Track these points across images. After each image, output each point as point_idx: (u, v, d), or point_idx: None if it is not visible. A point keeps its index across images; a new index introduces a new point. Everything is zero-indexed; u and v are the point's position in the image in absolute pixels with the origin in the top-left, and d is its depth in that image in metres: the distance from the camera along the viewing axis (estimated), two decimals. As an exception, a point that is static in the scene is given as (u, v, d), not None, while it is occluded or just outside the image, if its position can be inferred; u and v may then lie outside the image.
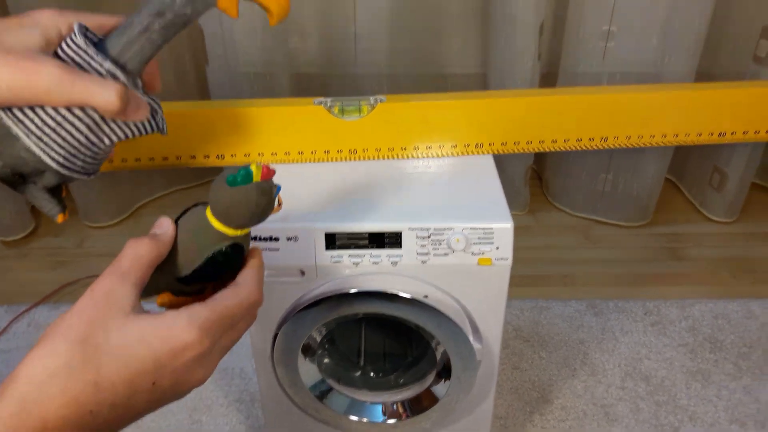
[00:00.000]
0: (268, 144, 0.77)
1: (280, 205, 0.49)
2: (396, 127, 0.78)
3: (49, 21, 0.46)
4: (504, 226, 0.67)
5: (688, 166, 1.50)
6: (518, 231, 0.66)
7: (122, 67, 0.46)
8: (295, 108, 0.76)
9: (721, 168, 1.38)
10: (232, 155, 0.78)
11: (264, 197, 0.46)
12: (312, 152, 0.78)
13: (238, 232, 0.47)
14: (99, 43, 0.47)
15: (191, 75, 1.39)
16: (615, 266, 1.31)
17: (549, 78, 1.40)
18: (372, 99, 0.77)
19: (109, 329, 0.39)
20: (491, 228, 0.67)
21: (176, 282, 0.47)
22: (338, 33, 1.33)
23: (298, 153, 0.78)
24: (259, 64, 1.27)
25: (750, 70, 1.29)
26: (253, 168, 0.45)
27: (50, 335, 0.38)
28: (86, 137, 0.46)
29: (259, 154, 0.78)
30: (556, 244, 1.35)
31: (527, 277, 1.26)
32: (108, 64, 0.45)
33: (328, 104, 0.76)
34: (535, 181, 1.56)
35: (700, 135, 0.84)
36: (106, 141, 0.48)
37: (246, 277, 0.47)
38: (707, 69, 1.32)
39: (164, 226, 0.47)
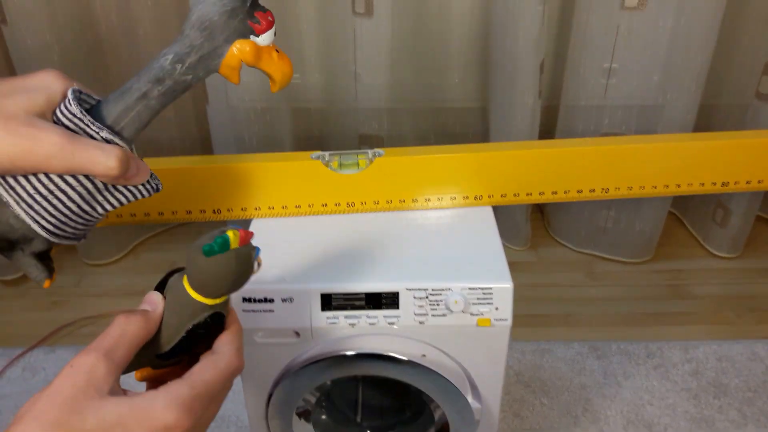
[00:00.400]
0: (265, 198, 0.76)
1: (259, 265, 0.47)
2: (395, 180, 0.77)
3: (54, 84, 0.45)
4: (503, 286, 0.66)
5: (691, 201, 1.49)
6: (520, 267, 0.66)
7: (118, 134, 0.45)
8: (292, 163, 0.75)
9: (724, 203, 1.37)
10: (228, 210, 0.77)
11: (243, 264, 0.44)
12: (309, 206, 0.77)
13: (218, 300, 0.45)
14: (95, 107, 0.46)
15: (191, 115, 1.39)
16: (617, 305, 1.29)
17: (550, 111, 1.39)
18: (370, 153, 0.76)
19: (85, 411, 0.37)
20: (490, 288, 0.66)
21: (155, 358, 0.46)
22: (339, 71, 1.33)
23: (296, 207, 0.77)
24: (260, 99, 1.27)
25: (752, 105, 1.29)
26: (230, 235, 0.43)
27: (25, 417, 0.37)
28: (78, 206, 0.45)
29: (255, 209, 0.77)
30: (557, 282, 1.34)
31: (529, 316, 1.24)
32: (105, 133, 0.44)
33: (326, 158, 0.75)
34: (536, 215, 1.55)
35: (703, 185, 0.83)
36: (99, 210, 0.47)
37: (224, 345, 0.45)
38: (711, 101, 1.32)
39: (154, 302, 0.45)
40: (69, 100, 0.44)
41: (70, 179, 0.44)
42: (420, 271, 0.68)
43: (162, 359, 0.46)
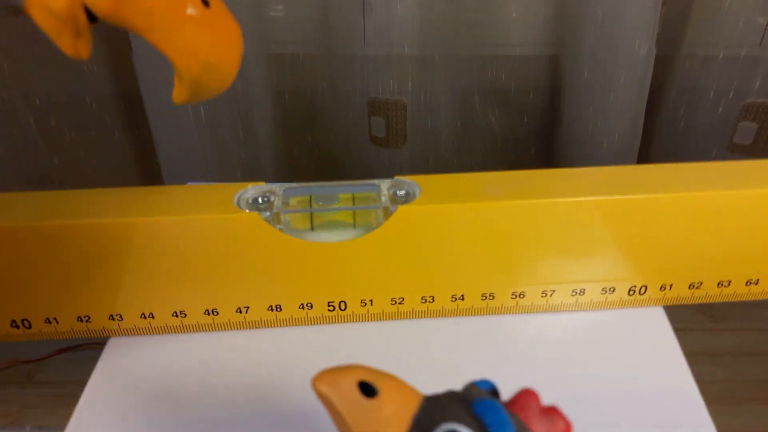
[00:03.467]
0: (141, 295, 0.32)
1: None
2: (431, 252, 0.32)
3: None
4: None
5: None
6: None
7: None
8: (205, 217, 0.30)
9: None
10: (50, 320, 0.33)
11: None
12: (239, 310, 0.33)
13: None
14: None
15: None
16: (755, 366, 0.86)
17: (658, 61, 0.90)
18: (384, 189, 0.31)
19: None
20: None
21: None
22: (339, 1, 0.86)
23: (207, 313, 0.33)
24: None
25: None
26: None
27: None
28: None
29: (112, 317, 0.33)
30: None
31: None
32: None
33: (277, 205, 0.31)
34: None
35: None
36: None
37: None
38: None
39: None
40: None
41: None
42: None
43: None
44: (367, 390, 0.17)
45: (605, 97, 0.83)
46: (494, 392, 0.19)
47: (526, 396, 0.19)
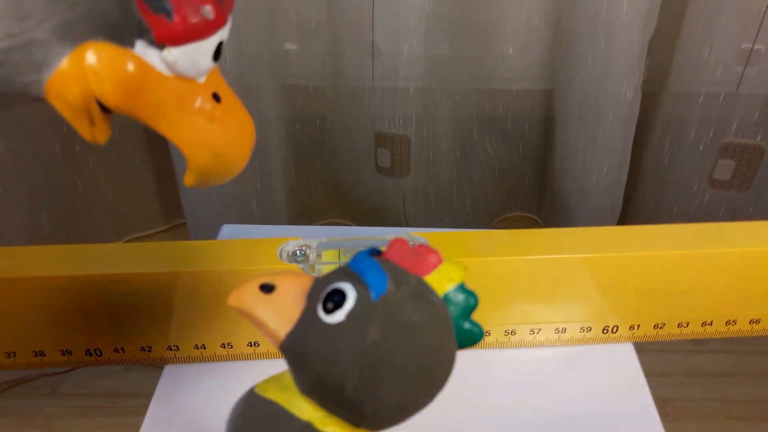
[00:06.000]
0: (204, 331, 0.39)
1: None
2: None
3: None
4: None
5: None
6: None
7: None
8: (254, 268, 0.37)
9: None
10: (117, 349, 0.39)
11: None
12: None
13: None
14: None
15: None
16: (733, 388, 0.92)
17: (646, 97, 0.97)
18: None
19: None
20: None
21: None
22: (350, 41, 0.93)
23: (250, 345, 0.39)
24: (233, 72, 0.88)
25: None
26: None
27: None
28: None
29: (170, 348, 0.39)
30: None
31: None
32: None
33: (311, 258, 0.37)
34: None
35: None
36: None
37: None
38: None
39: None
40: None
41: None
42: None
43: None
44: (269, 289, 0.20)
45: (595, 134, 0.90)
46: (375, 252, 0.22)
47: (395, 243, 0.21)
